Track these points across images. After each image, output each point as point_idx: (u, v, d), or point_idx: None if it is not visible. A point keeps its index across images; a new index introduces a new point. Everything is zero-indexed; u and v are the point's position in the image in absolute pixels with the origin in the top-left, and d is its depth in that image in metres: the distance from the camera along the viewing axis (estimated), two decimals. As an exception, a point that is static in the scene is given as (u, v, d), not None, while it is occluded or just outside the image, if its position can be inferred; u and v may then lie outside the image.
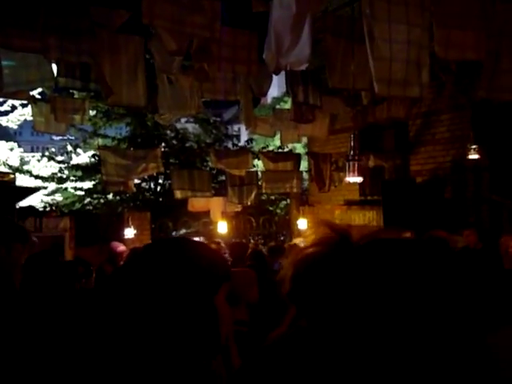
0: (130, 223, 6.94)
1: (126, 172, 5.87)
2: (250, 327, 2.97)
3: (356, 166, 4.41)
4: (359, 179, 4.64)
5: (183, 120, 11.01)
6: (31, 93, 7.41)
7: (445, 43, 3.54)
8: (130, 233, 6.76)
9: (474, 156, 5.88)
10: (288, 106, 7.97)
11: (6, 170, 11.48)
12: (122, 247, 5.72)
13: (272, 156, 7.64)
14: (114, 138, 10.87)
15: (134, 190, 6.81)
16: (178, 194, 6.84)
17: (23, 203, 11.68)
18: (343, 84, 4.40)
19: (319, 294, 0.96)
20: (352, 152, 4.53)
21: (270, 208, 11.00)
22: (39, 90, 7.87)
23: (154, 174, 7.81)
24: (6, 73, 4.77)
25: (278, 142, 9.59)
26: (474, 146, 5.84)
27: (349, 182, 6.12)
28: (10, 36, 4.09)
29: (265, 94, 5.60)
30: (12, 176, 3.23)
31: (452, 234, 6.56)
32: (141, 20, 3.99)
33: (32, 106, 7.04)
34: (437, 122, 7.07)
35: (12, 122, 12.25)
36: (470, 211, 6.64)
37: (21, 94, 5.68)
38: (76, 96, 7.50)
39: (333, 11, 4.48)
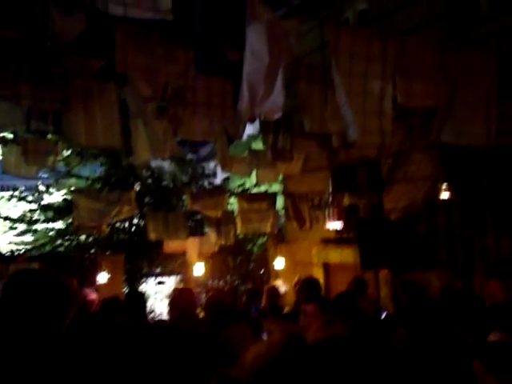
0: (104, 267, 6.76)
1: (98, 216, 5.76)
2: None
3: (336, 211, 4.45)
4: (340, 224, 4.68)
5: (159, 159, 10.99)
6: (1, 134, 7.28)
7: (406, 92, 3.70)
8: (103, 278, 6.58)
9: (444, 195, 6.03)
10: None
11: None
12: (93, 295, 5.55)
13: (247, 197, 7.66)
14: (87, 179, 10.72)
15: (107, 232, 6.66)
16: (153, 237, 6.74)
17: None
18: (319, 128, 4.49)
19: None
20: (331, 198, 4.59)
21: (248, 246, 10.93)
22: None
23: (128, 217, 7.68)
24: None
25: (254, 180, 9.65)
26: (444, 186, 5.99)
27: (328, 228, 6.16)
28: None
29: (240, 137, 5.66)
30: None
31: (426, 272, 6.65)
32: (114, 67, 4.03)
33: (2, 148, 6.91)
34: (408, 161, 7.25)
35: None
36: (442, 247, 6.74)
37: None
38: (49, 136, 7.38)
39: (304, 57, 4.61)
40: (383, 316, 5.45)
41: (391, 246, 6.90)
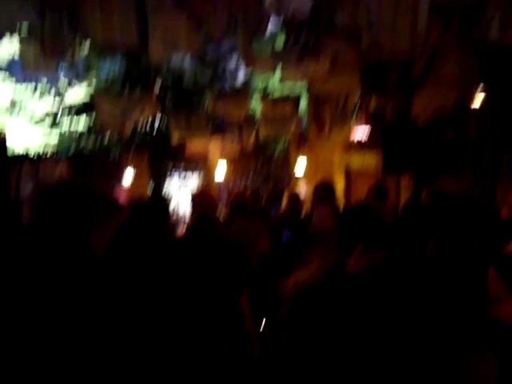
0: (129, 168, 6.88)
1: (121, 117, 5.72)
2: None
3: (361, 117, 4.26)
4: (365, 132, 4.52)
5: (179, 58, 10.58)
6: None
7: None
8: (128, 177, 6.72)
9: (478, 102, 5.72)
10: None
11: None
12: (120, 196, 5.73)
13: (271, 101, 7.43)
14: (107, 76, 10.51)
15: (130, 134, 6.67)
16: (176, 136, 6.72)
17: (18, 149, 11.60)
18: (353, 20, 4.14)
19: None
20: (358, 101, 4.38)
21: (270, 149, 10.87)
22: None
23: (150, 117, 7.59)
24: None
25: (277, 82, 9.28)
26: (479, 93, 5.66)
27: (354, 130, 5.98)
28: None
29: (263, 32, 5.33)
30: (3, 134, 3.12)
31: (451, 179, 6.57)
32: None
33: (20, 45, 6.73)
34: (442, 62, 6.79)
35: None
36: (469, 155, 6.58)
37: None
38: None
39: None
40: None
41: (416, 152, 6.76)
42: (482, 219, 4.27)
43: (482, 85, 6.10)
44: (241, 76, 10.82)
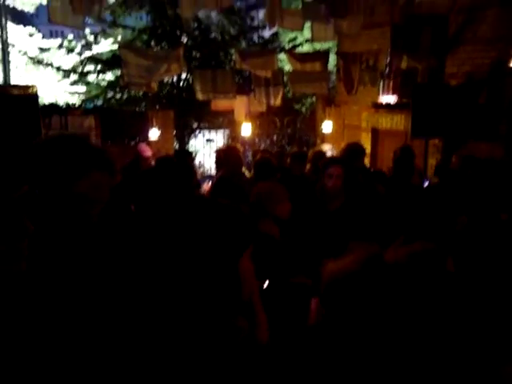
0: (154, 123, 6.94)
1: (147, 72, 5.72)
2: (278, 241, 3.02)
3: (391, 84, 4.12)
4: (394, 98, 4.38)
5: (206, 12, 10.36)
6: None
7: None
8: (154, 134, 6.80)
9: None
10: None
11: (26, 61, 11.34)
12: (148, 152, 5.80)
13: (299, 56, 7.26)
14: (134, 29, 10.42)
15: (156, 90, 6.67)
16: (200, 96, 6.70)
17: (47, 99, 11.77)
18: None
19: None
20: (388, 69, 4.22)
21: (296, 107, 10.75)
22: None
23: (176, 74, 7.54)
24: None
25: (306, 34, 9.00)
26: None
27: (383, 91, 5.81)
28: None
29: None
30: (35, 89, 3.18)
31: (482, 144, 6.41)
32: None
33: (48, -1, 6.70)
34: (480, 19, 6.48)
35: (27, 5, 11.76)
36: (504, 119, 6.37)
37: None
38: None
39: None
40: (425, 185, 5.41)
41: (447, 114, 6.59)
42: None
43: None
44: (268, 31, 10.57)
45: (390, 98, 4.29)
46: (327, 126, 7.85)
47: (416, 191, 4.62)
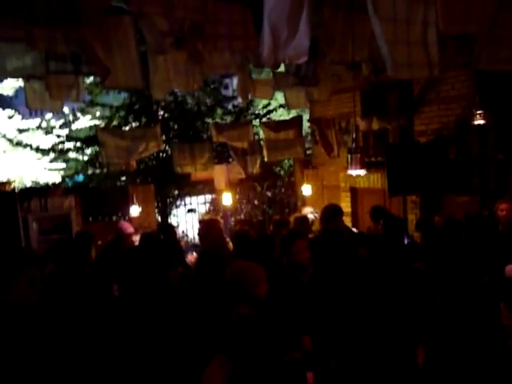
0: (135, 200, 6.96)
1: (126, 153, 5.82)
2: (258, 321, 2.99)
3: (358, 158, 4.30)
4: (362, 172, 4.55)
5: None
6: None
7: (448, 18, 3.38)
8: (135, 210, 6.81)
9: (479, 121, 5.76)
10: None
11: (4, 144, 11.45)
12: (130, 229, 5.79)
13: (273, 125, 7.51)
14: (111, 107, 10.70)
15: (136, 167, 6.77)
16: (179, 169, 6.82)
17: (27, 177, 11.75)
18: (343, 58, 4.25)
19: None
20: (354, 144, 4.41)
21: (276, 169, 10.94)
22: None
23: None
24: (-8, 63, 4.68)
25: (280, 98, 9.32)
26: (479, 112, 5.70)
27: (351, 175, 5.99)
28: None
29: (263, 66, 5.42)
30: (13, 184, 3.21)
31: (457, 197, 6.58)
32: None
33: (25, 84, 6.88)
34: (441, 80, 6.85)
35: (6, 89, 12.05)
36: (474, 171, 6.58)
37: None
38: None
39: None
40: (406, 242, 5.46)
41: (420, 171, 6.81)
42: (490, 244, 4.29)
43: (481, 100, 6.13)
44: (242, 102, 10.94)
45: (358, 172, 4.43)
46: (306, 189, 7.99)
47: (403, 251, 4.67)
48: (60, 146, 11.16)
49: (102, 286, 4.00)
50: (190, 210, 9.10)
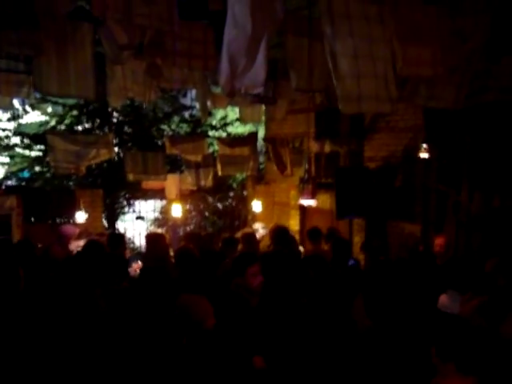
0: (82, 205, 6.78)
1: (75, 158, 5.69)
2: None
3: (310, 188, 4.42)
4: (313, 202, 4.68)
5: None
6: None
7: (405, 60, 3.56)
8: (81, 216, 6.62)
9: (424, 154, 6.07)
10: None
11: None
12: (70, 230, 5.67)
13: (228, 141, 7.58)
14: (64, 105, 10.37)
15: (85, 172, 6.60)
16: (131, 177, 6.73)
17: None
18: (307, 85, 4.35)
19: None
20: (306, 175, 4.54)
21: (229, 181, 10.98)
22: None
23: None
24: None
25: (237, 111, 9.40)
26: (424, 146, 6.02)
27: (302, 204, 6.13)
28: None
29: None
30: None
31: (401, 223, 6.87)
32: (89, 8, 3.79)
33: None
34: (391, 111, 7.16)
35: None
36: (417, 199, 6.90)
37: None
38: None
39: (292, 12, 4.35)
40: (350, 264, 5.62)
41: (368, 196, 7.05)
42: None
43: (427, 133, 6.46)
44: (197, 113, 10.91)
45: (308, 202, 4.55)
46: (256, 205, 8.08)
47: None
48: (6, 141, 10.66)
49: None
50: (138, 217, 8.96)
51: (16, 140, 10.89)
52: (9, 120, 12.30)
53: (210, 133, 10.62)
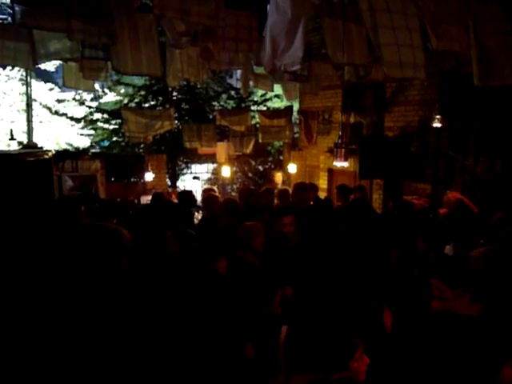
0: (150, 168, 6.95)
1: (144, 128, 5.77)
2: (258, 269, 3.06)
3: (343, 152, 4.25)
4: (345, 164, 4.51)
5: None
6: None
7: (436, 35, 3.29)
8: (149, 176, 6.80)
9: (437, 124, 5.76)
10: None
11: (45, 112, 11.23)
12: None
13: (268, 114, 7.45)
14: (134, 86, 10.48)
15: (152, 140, 6.71)
16: (188, 145, 6.79)
17: (62, 140, 11.59)
18: (341, 59, 4.10)
19: None
20: (340, 140, 4.37)
21: (268, 148, 10.91)
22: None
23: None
24: (38, 46, 4.59)
25: (275, 89, 9.19)
26: (437, 116, 5.70)
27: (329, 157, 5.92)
28: (38, 17, 3.84)
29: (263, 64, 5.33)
30: (50, 154, 3.19)
31: (414, 183, 6.66)
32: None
33: (63, 65, 6.73)
34: (409, 86, 6.81)
35: (48, 65, 11.74)
36: (430, 163, 6.65)
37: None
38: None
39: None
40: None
41: (387, 160, 6.85)
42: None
43: (440, 105, 6.12)
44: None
45: (341, 163, 4.40)
46: (292, 168, 8.01)
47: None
48: (90, 116, 10.98)
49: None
50: (194, 177, 9.10)
51: (98, 116, 11.20)
52: (92, 100, 12.63)
53: (253, 107, 10.49)
